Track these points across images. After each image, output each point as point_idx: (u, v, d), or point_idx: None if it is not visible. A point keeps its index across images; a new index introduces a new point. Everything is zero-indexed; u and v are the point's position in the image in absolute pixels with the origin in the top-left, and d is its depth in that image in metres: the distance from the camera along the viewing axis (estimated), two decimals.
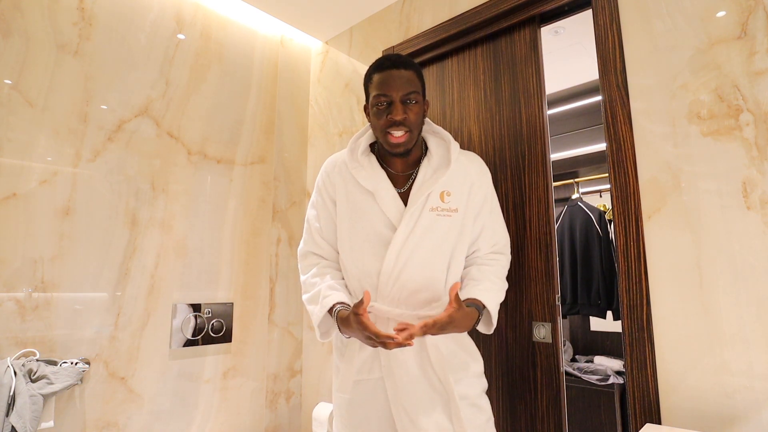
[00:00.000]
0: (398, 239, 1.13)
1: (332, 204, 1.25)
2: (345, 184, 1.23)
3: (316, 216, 1.28)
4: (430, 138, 1.26)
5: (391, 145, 1.15)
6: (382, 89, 1.14)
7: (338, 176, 1.24)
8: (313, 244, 1.28)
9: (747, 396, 1.00)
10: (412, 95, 1.14)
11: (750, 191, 1.04)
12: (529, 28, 1.56)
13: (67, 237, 1.51)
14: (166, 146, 1.78)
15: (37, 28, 1.51)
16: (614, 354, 2.88)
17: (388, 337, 0.97)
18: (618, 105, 1.26)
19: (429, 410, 1.11)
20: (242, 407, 1.91)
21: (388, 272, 1.14)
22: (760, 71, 1.06)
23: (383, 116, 1.14)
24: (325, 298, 1.15)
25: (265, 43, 2.18)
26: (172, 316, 1.72)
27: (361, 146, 1.24)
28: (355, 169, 1.21)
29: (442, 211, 1.16)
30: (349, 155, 1.23)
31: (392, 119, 1.12)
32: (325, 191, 1.27)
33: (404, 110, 1.13)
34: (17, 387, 1.28)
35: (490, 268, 1.21)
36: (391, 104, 1.13)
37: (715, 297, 1.07)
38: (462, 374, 1.16)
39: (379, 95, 1.14)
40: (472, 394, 1.15)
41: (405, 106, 1.13)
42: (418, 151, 1.24)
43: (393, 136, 1.13)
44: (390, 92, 1.13)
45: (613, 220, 1.25)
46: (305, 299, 1.23)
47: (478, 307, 1.12)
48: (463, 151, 1.27)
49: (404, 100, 1.13)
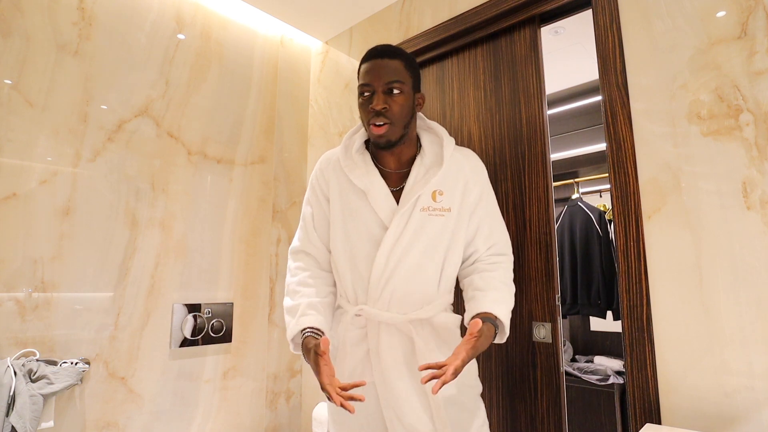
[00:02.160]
0: (389, 240, 1.10)
1: (326, 201, 1.22)
2: (338, 181, 1.19)
3: (311, 213, 1.25)
4: (423, 135, 1.22)
5: (374, 136, 1.11)
6: (365, 78, 1.11)
7: (332, 173, 1.21)
8: (307, 241, 1.24)
9: (747, 396, 1.00)
10: (395, 84, 1.09)
11: (750, 191, 1.05)
12: (529, 28, 1.56)
13: (67, 237, 1.51)
14: (166, 146, 1.78)
15: (37, 28, 1.51)
16: (614, 354, 2.88)
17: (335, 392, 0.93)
18: (618, 105, 1.26)
19: (421, 415, 1.09)
20: (242, 407, 1.91)
21: (378, 273, 1.10)
22: (760, 71, 1.06)
23: (367, 107, 1.11)
24: (302, 316, 1.10)
25: (265, 43, 2.18)
26: (172, 316, 1.72)
27: (355, 143, 1.21)
28: (348, 167, 1.17)
29: (434, 210, 1.12)
30: (343, 153, 1.20)
31: (372, 109, 1.09)
32: (319, 188, 1.23)
33: (385, 100, 1.08)
34: (17, 387, 1.28)
35: (494, 274, 1.15)
36: (373, 94, 1.10)
37: (715, 297, 1.07)
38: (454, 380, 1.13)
39: (362, 85, 1.11)
40: (465, 398, 1.13)
41: (387, 96, 1.09)
42: (411, 149, 1.20)
43: (375, 127, 1.10)
44: (372, 81, 1.09)
45: (613, 220, 1.25)
46: (285, 306, 1.17)
47: (491, 320, 1.06)
48: (458, 147, 1.23)
49: (386, 90, 1.09)
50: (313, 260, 1.23)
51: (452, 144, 1.19)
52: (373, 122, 1.10)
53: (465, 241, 1.18)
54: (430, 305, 1.13)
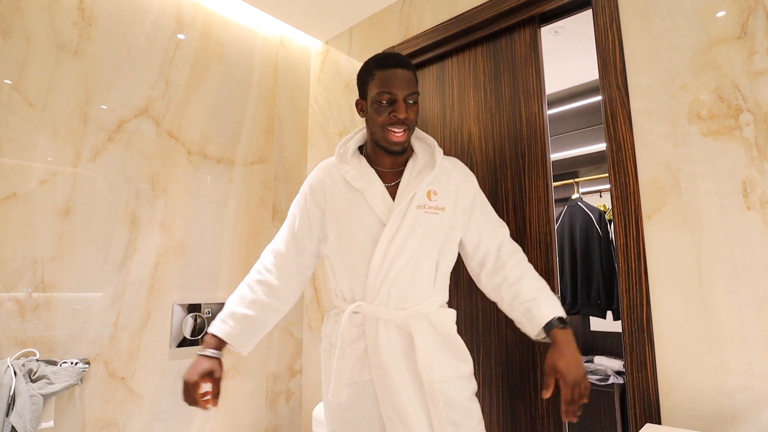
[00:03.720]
0: (386, 235, 1.13)
1: (316, 210, 1.25)
2: (334, 185, 1.23)
3: (295, 215, 1.29)
4: (415, 142, 1.27)
5: (391, 143, 1.15)
6: (386, 87, 1.14)
7: (328, 179, 1.25)
8: (281, 241, 1.28)
9: (747, 396, 1.00)
10: (414, 95, 1.16)
11: (750, 191, 1.04)
12: (529, 28, 1.56)
13: (67, 237, 1.51)
14: (166, 146, 1.78)
15: (37, 28, 1.51)
16: (614, 354, 2.88)
17: (188, 398, 1.10)
18: (618, 105, 1.26)
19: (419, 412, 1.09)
20: (242, 407, 1.91)
21: (376, 269, 1.13)
22: (760, 71, 1.06)
23: (385, 113, 1.14)
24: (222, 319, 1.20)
25: (265, 43, 2.18)
26: (171, 316, 1.72)
27: (350, 150, 1.24)
28: (345, 170, 1.21)
29: (429, 208, 1.16)
30: (338, 160, 1.24)
31: (396, 117, 1.13)
32: (312, 198, 1.26)
33: (407, 109, 1.14)
34: (17, 387, 1.28)
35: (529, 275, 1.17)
36: (394, 102, 1.14)
37: (715, 297, 1.07)
38: (450, 377, 1.14)
39: (383, 92, 1.14)
40: (460, 397, 1.14)
41: (407, 105, 1.15)
42: (408, 152, 1.25)
43: (394, 135, 1.14)
44: (395, 90, 1.13)
45: (613, 220, 1.25)
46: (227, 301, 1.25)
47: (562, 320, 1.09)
48: (445, 156, 1.28)
49: (407, 100, 1.15)
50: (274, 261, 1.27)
51: (441, 152, 1.25)
52: (394, 129, 1.15)
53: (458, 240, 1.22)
54: (427, 301, 1.16)
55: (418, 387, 1.11)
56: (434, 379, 1.10)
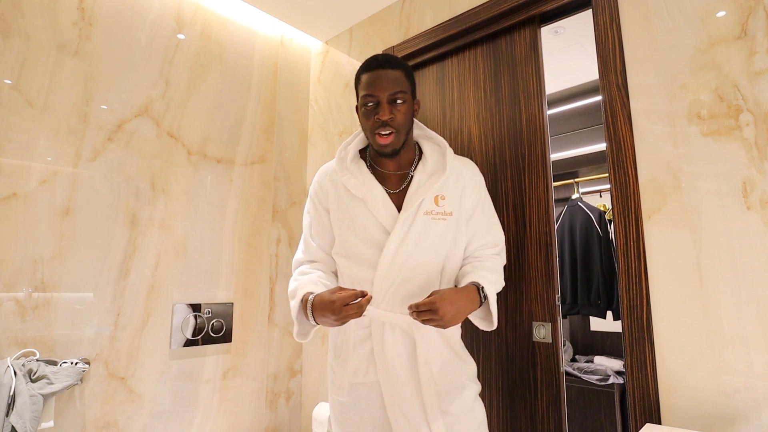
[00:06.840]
0: (392, 244, 1.13)
1: (325, 212, 1.26)
2: (337, 192, 1.23)
3: (310, 224, 1.29)
4: (424, 143, 1.26)
5: (379, 146, 1.15)
6: (369, 89, 1.14)
7: (330, 185, 1.25)
8: (308, 251, 1.28)
9: (747, 396, 1.00)
10: (399, 95, 1.13)
11: (750, 191, 1.04)
12: (529, 28, 1.56)
13: (67, 237, 1.51)
14: (166, 146, 1.78)
15: (37, 28, 1.51)
16: (614, 354, 2.88)
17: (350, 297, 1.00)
18: (618, 105, 1.26)
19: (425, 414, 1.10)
20: (242, 407, 1.91)
21: (382, 276, 1.13)
22: (760, 71, 1.06)
23: (371, 117, 1.14)
24: (302, 290, 1.14)
25: (265, 43, 2.18)
26: (171, 316, 1.72)
27: (350, 154, 1.24)
28: (345, 177, 1.21)
29: (436, 214, 1.16)
30: (339, 165, 1.23)
31: (379, 119, 1.12)
32: (318, 201, 1.27)
33: (391, 110, 1.13)
34: (17, 387, 1.28)
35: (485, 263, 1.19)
36: (378, 104, 1.13)
37: (715, 297, 1.07)
38: (453, 378, 1.15)
39: (366, 95, 1.14)
40: (464, 399, 1.14)
41: (392, 106, 1.13)
42: (411, 153, 1.24)
43: (380, 137, 1.14)
44: (377, 92, 1.13)
45: (613, 220, 1.25)
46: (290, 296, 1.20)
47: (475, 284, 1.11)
48: (456, 156, 1.27)
49: (391, 100, 1.13)
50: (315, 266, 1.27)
51: (452, 153, 1.24)
52: (379, 132, 1.13)
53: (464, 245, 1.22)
54: None
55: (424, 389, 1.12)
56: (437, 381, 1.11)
